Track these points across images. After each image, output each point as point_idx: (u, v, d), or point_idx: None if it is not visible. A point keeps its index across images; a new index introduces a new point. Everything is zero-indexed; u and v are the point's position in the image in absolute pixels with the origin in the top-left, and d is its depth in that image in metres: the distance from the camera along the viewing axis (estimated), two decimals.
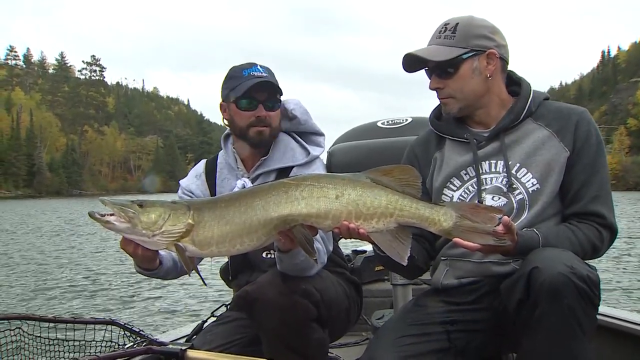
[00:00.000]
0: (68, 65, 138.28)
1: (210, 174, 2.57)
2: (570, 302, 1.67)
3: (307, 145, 2.51)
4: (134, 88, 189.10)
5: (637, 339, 2.74)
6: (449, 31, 2.07)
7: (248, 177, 2.46)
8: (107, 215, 1.79)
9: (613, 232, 2.00)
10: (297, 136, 2.54)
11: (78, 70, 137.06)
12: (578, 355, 1.72)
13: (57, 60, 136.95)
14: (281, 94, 2.43)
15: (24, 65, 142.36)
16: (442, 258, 2.16)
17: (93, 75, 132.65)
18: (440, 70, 2.09)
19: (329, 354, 2.46)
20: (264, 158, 2.46)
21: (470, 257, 2.05)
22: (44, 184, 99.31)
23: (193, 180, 2.59)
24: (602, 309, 2.79)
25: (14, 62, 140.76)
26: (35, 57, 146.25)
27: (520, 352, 1.87)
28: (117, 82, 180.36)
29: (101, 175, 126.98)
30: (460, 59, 2.05)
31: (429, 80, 2.16)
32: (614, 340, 2.82)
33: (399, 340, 1.94)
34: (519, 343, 1.83)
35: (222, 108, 2.47)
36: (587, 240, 1.93)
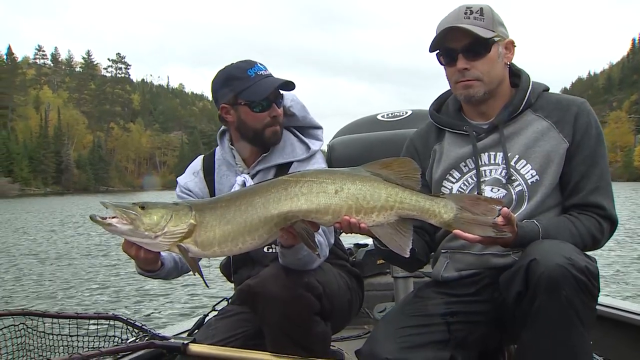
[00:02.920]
0: (94, 63, 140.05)
1: (208, 171, 2.55)
2: (568, 294, 1.67)
3: (306, 140, 2.50)
4: (159, 85, 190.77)
5: (638, 329, 2.75)
6: (476, 13, 2.03)
7: (248, 173, 2.45)
8: (109, 218, 1.79)
9: (613, 223, 2.00)
10: (296, 131, 2.53)
11: (104, 68, 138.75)
12: (577, 346, 1.72)
13: (83, 58, 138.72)
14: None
15: (52, 64, 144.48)
16: (443, 251, 2.16)
17: (118, 73, 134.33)
18: (471, 51, 2.04)
19: (331, 347, 2.46)
20: (264, 155, 2.44)
21: (470, 249, 2.05)
22: (71, 181, 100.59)
23: (191, 177, 2.57)
24: (604, 299, 2.83)
25: (42, 61, 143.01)
26: (63, 56, 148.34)
27: (519, 344, 1.87)
28: (142, 79, 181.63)
29: (127, 172, 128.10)
30: (492, 41, 2.03)
31: (444, 67, 2.12)
32: (616, 330, 2.83)
33: (399, 331, 1.94)
34: (519, 335, 1.82)
35: (225, 110, 2.40)
36: (587, 231, 1.92)
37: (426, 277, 2.93)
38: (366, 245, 3.77)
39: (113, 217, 1.79)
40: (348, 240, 3.40)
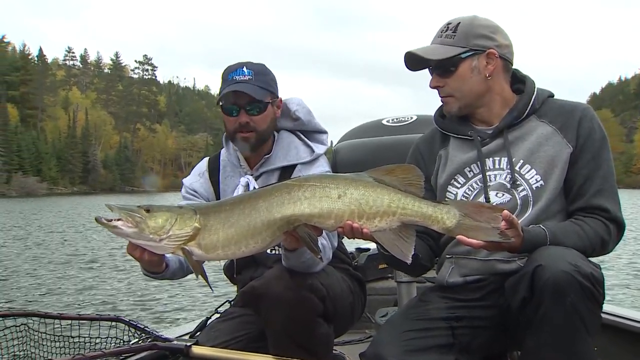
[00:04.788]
0: (122, 65, 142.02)
1: (214, 172, 2.57)
2: (573, 300, 1.68)
3: (311, 144, 2.51)
4: (185, 86, 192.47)
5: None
6: (450, 30, 2.07)
7: (252, 175, 2.47)
8: (114, 220, 1.80)
9: (620, 225, 1.98)
10: (301, 134, 2.54)
11: (131, 70, 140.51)
12: (581, 352, 1.71)
13: (111, 60, 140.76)
14: (271, 95, 2.40)
15: (81, 66, 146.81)
16: (447, 256, 2.15)
17: (145, 75, 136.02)
18: (440, 69, 2.09)
19: (333, 351, 2.46)
20: (267, 156, 2.46)
21: (475, 254, 2.05)
22: (98, 181, 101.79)
23: (196, 178, 2.59)
24: (608, 307, 2.80)
25: (71, 62, 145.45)
26: (92, 58, 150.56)
27: (524, 350, 1.87)
28: (169, 81, 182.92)
29: (153, 173, 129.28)
30: (459, 58, 2.05)
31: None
32: (618, 338, 2.83)
33: (403, 334, 1.94)
34: (523, 341, 1.82)
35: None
36: (595, 234, 1.91)
37: (429, 282, 2.94)
38: (368, 249, 3.78)
39: (118, 220, 1.79)
40: (350, 244, 3.39)
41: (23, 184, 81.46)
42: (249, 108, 2.36)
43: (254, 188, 2.40)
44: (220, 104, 2.39)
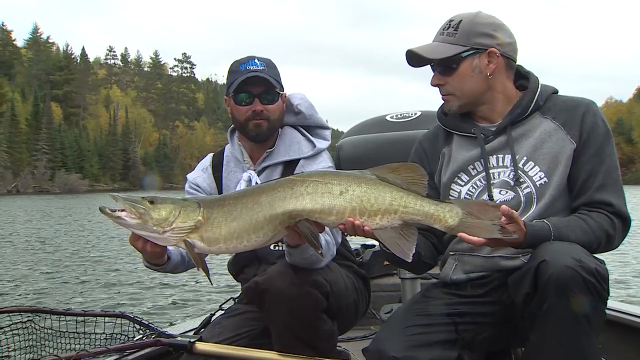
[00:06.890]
0: (161, 63, 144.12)
1: (217, 167, 2.58)
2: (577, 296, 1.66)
3: (313, 139, 2.51)
4: (223, 84, 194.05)
5: None
6: (451, 28, 2.05)
7: (254, 170, 2.47)
8: (118, 210, 1.81)
9: (625, 220, 1.96)
10: (303, 130, 2.54)
11: (170, 68, 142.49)
12: (585, 349, 1.70)
13: (151, 58, 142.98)
14: (280, 87, 2.42)
15: (121, 64, 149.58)
16: (451, 253, 2.14)
17: (184, 72, 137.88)
18: (441, 68, 2.08)
19: (337, 347, 2.46)
20: (269, 150, 2.47)
21: (478, 251, 2.03)
22: (138, 178, 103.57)
23: (200, 173, 2.61)
24: (613, 304, 2.80)
25: (112, 61, 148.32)
26: (132, 56, 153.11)
27: (527, 346, 1.86)
28: (207, 78, 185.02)
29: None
30: (459, 57, 2.04)
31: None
32: (624, 335, 2.80)
33: (406, 330, 1.94)
34: (526, 337, 1.81)
35: (226, 102, 2.49)
36: (600, 228, 1.89)
37: (433, 278, 2.96)
38: (374, 246, 3.77)
39: (122, 211, 1.81)
40: (355, 241, 3.37)
41: (66, 181, 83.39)
42: (264, 96, 2.39)
43: (256, 183, 2.41)
44: (231, 94, 2.40)
